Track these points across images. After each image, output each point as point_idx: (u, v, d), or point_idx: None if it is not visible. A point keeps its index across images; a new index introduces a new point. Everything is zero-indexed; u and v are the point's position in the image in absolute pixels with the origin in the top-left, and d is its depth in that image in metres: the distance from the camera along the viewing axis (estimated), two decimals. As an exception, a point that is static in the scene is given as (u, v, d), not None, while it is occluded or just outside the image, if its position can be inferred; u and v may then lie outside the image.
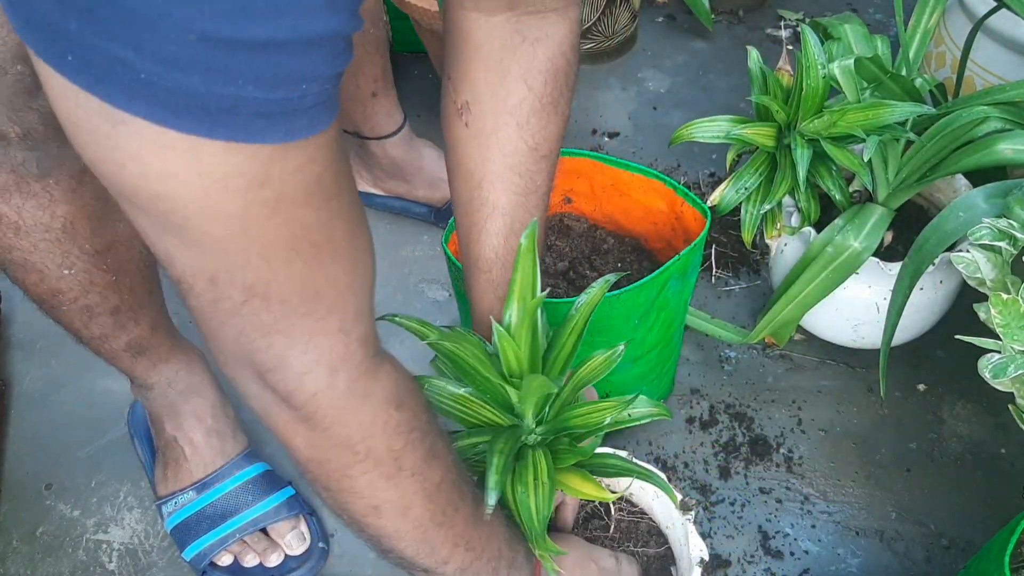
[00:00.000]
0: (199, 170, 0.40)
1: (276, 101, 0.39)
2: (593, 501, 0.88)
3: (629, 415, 0.75)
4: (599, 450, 0.78)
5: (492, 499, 0.63)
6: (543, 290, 0.71)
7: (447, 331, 0.70)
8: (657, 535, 0.87)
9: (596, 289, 0.73)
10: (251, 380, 0.51)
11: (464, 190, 0.72)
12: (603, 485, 0.75)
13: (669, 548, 0.86)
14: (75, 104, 0.38)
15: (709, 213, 0.93)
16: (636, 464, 0.76)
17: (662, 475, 0.79)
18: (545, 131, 0.70)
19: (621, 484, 0.85)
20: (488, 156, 0.70)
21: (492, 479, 0.64)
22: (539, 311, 0.71)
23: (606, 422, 0.72)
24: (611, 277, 0.74)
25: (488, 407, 0.71)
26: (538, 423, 0.72)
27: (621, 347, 0.73)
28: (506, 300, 0.71)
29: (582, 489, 0.74)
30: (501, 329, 0.68)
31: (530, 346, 0.70)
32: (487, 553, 0.67)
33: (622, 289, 0.85)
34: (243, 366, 0.50)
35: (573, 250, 1.05)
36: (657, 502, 0.86)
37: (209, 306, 0.46)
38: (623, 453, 0.80)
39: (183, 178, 0.40)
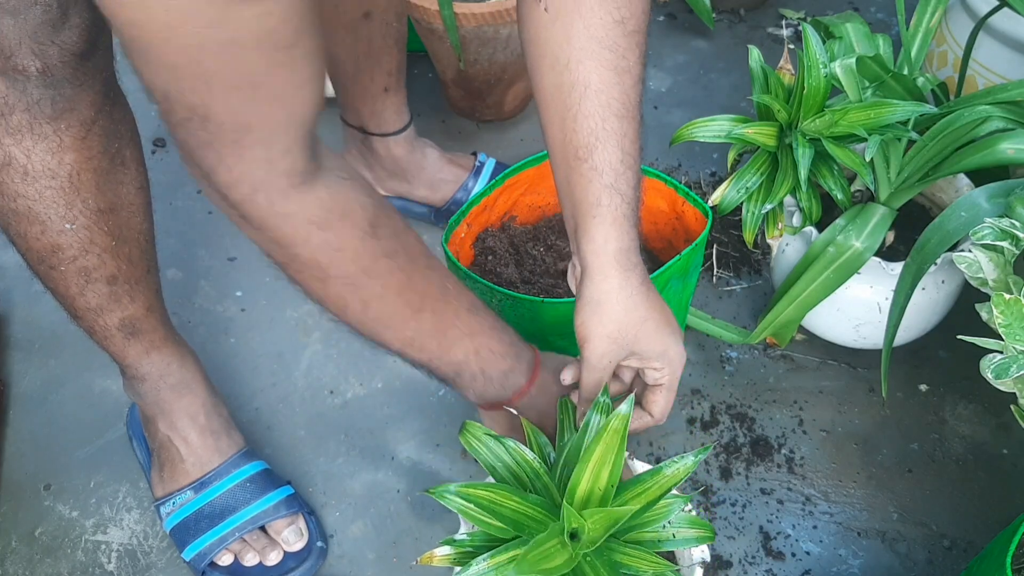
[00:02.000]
0: (167, 4, 0.46)
1: None
2: None
3: (674, 536, 0.71)
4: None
5: None
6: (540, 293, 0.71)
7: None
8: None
9: (681, 466, 0.68)
10: (199, 176, 0.59)
11: (550, 77, 0.69)
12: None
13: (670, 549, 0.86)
14: None
15: (711, 213, 0.93)
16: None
17: (692, 551, 0.75)
18: (631, 4, 0.68)
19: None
20: (572, 34, 0.67)
21: None
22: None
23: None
24: (701, 452, 0.70)
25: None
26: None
27: (682, 501, 0.69)
28: (578, 465, 0.66)
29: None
30: (569, 506, 0.63)
31: (601, 532, 0.65)
32: (470, 354, 0.74)
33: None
34: (191, 165, 0.58)
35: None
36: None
37: (164, 114, 0.54)
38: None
39: (152, 9, 0.46)
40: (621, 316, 0.72)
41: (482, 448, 0.72)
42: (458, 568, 0.66)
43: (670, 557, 0.85)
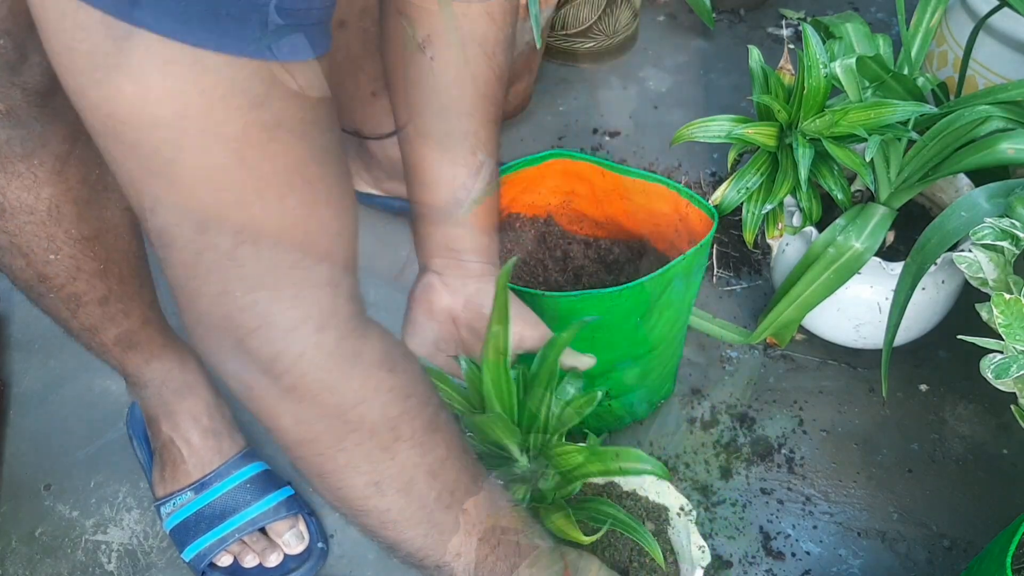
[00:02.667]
0: (202, 86, 0.39)
1: (288, 11, 0.39)
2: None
3: (620, 468, 0.74)
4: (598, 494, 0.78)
5: None
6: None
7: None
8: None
9: (570, 330, 0.74)
10: (230, 351, 0.48)
11: (437, 123, 0.72)
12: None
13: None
14: (74, 24, 0.37)
15: (716, 215, 0.93)
16: (626, 516, 0.74)
17: (648, 531, 0.76)
18: (504, 55, 0.73)
19: (631, 482, 0.85)
20: (465, 92, 0.71)
21: None
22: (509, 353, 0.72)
23: (591, 469, 0.73)
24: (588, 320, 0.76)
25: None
26: (527, 458, 0.73)
27: (599, 394, 0.74)
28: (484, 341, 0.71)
29: (564, 529, 0.73)
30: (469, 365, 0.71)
31: (503, 388, 0.72)
32: (504, 547, 0.62)
33: (624, 286, 0.85)
34: (222, 334, 0.47)
35: (579, 256, 1.05)
36: (658, 500, 0.85)
37: (192, 259, 0.44)
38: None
39: (184, 96, 0.39)
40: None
41: None
42: None
43: (674, 566, 0.85)
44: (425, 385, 0.57)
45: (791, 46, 1.51)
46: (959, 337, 0.79)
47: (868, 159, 0.93)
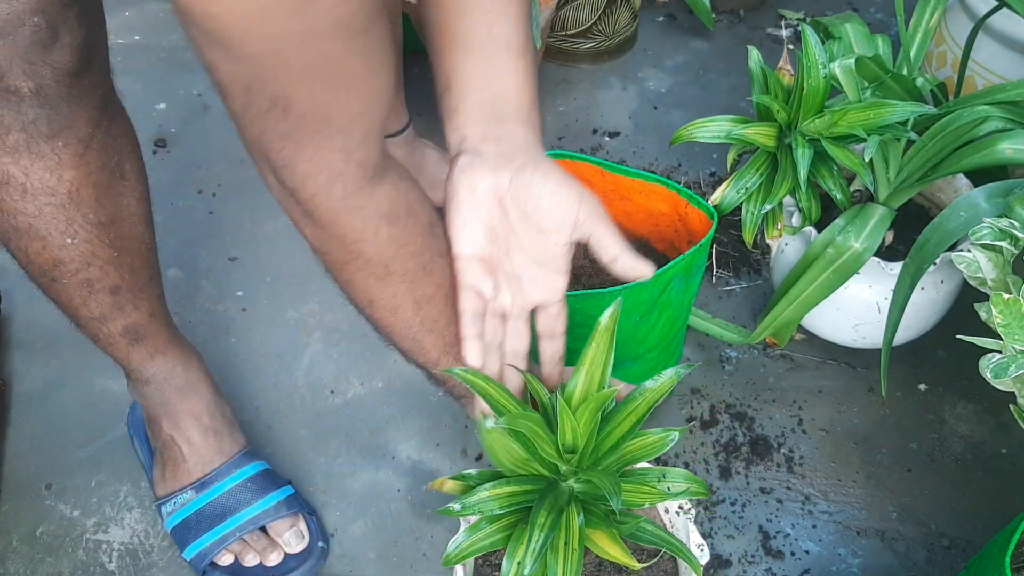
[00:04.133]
0: None
1: None
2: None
3: (668, 488, 0.74)
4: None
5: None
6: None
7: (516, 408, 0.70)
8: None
9: (664, 379, 0.71)
10: (268, 171, 0.59)
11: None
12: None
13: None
14: None
15: (716, 215, 0.93)
16: (670, 535, 0.74)
17: (695, 548, 0.77)
18: None
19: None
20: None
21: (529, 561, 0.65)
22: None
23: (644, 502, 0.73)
24: (682, 369, 0.72)
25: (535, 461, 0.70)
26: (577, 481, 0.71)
27: (675, 434, 0.73)
28: (575, 371, 0.70)
29: (609, 550, 0.72)
30: (563, 403, 0.68)
31: (591, 429, 0.69)
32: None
33: (624, 286, 0.85)
34: (263, 160, 0.58)
35: (579, 256, 1.05)
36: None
37: (242, 108, 0.54)
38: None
39: (232, 2, 0.47)
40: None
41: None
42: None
43: (672, 565, 0.85)
44: (425, 237, 0.66)
45: (790, 46, 1.51)
46: (958, 337, 0.79)
47: (867, 159, 0.93)
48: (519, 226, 0.70)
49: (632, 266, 0.73)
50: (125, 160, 0.82)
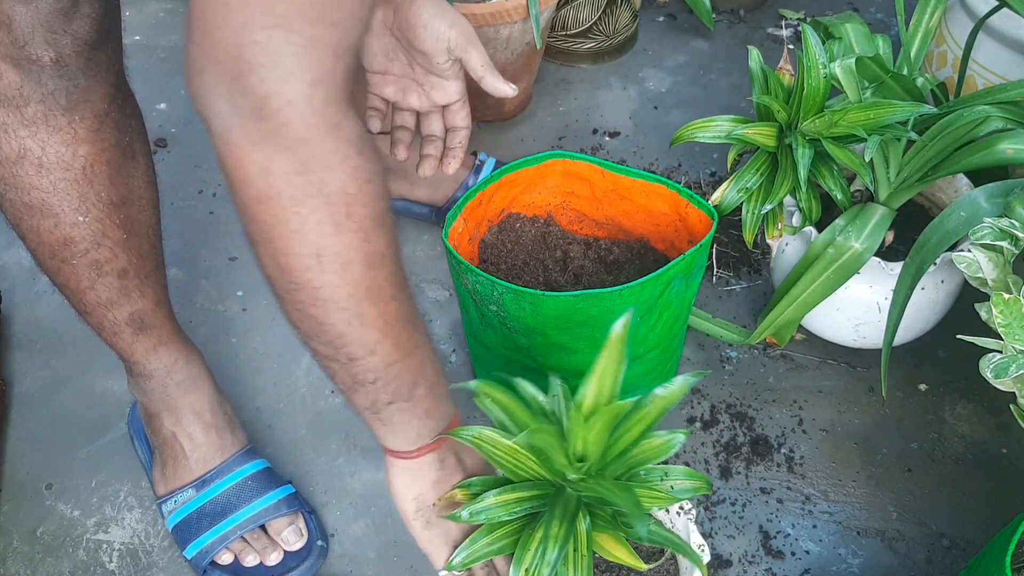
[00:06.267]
0: None
1: None
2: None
3: (672, 487, 0.73)
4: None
5: None
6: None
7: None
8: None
9: (675, 387, 0.69)
10: (226, 87, 0.52)
11: None
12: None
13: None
14: None
15: (716, 215, 0.93)
16: (674, 534, 0.74)
17: (696, 548, 0.76)
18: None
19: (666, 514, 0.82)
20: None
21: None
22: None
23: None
24: (692, 377, 0.71)
25: (541, 466, 0.70)
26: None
27: (681, 437, 0.71)
28: (585, 379, 0.67)
29: (615, 553, 0.72)
30: (577, 414, 0.66)
31: (603, 439, 0.67)
32: (411, 361, 0.66)
33: (624, 286, 0.85)
34: (225, 68, 0.52)
35: (579, 256, 1.05)
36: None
37: (221, 5, 0.50)
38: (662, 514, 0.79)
39: None
40: None
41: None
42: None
43: (673, 563, 0.85)
44: (383, 182, 0.60)
45: (790, 46, 1.51)
46: (958, 337, 0.79)
47: (867, 159, 0.93)
48: (409, 49, 0.95)
49: (495, 86, 0.97)
50: (136, 141, 0.84)
